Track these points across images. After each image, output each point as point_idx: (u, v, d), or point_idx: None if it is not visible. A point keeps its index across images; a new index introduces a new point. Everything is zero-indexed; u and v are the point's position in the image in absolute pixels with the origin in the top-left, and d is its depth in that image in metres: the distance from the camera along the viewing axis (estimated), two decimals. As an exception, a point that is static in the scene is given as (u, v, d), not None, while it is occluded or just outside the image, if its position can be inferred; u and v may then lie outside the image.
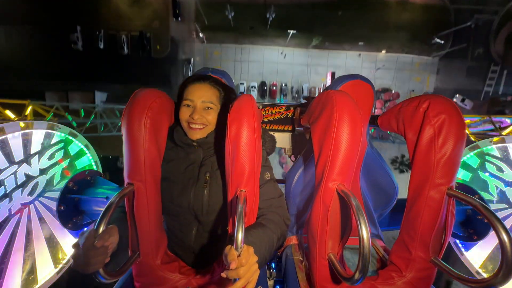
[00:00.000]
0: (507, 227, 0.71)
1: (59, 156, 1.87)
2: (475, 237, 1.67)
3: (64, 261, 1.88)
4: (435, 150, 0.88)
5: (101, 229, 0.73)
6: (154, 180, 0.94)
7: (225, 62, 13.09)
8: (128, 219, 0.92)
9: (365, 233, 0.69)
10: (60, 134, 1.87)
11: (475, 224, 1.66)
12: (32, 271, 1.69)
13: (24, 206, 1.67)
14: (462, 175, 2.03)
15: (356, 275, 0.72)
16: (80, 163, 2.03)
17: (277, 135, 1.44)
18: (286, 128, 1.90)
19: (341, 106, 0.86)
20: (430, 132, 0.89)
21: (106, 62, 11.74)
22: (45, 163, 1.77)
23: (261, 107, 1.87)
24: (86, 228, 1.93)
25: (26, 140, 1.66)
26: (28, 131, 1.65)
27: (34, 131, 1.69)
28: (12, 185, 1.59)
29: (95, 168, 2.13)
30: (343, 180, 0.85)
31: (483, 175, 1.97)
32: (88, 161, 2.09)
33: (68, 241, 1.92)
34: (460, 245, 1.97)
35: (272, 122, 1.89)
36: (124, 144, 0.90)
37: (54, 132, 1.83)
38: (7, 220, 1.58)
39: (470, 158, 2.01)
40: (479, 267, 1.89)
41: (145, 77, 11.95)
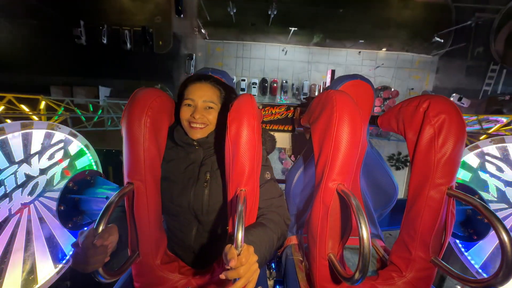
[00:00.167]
0: (507, 227, 0.71)
1: (59, 156, 1.87)
2: (475, 237, 1.67)
3: (64, 261, 1.88)
4: (435, 150, 0.88)
5: (101, 228, 0.73)
6: (154, 180, 0.94)
7: (227, 59, 13.10)
8: (128, 219, 0.92)
9: (365, 233, 0.69)
10: (61, 134, 1.87)
11: (475, 224, 1.66)
12: (32, 271, 1.69)
13: (24, 206, 1.67)
14: (462, 175, 2.03)
15: (356, 275, 0.72)
16: (80, 163, 2.03)
17: (277, 135, 1.44)
18: (286, 128, 1.90)
19: (341, 106, 0.86)
20: (430, 132, 0.89)
21: (109, 57, 11.80)
22: (45, 163, 1.77)
23: (261, 107, 1.87)
24: (86, 228, 1.92)
25: (26, 140, 1.66)
26: (28, 131, 1.66)
27: (34, 131, 1.69)
28: (12, 185, 1.59)
29: (95, 168, 2.13)
30: (343, 180, 0.85)
31: (483, 175, 1.97)
32: (88, 161, 2.09)
33: (68, 241, 1.92)
34: (460, 245, 1.97)
35: (272, 122, 1.89)
36: (124, 143, 0.90)
37: (54, 132, 1.83)
38: (7, 220, 1.57)
39: (470, 158, 2.02)
40: (479, 267, 1.89)
41: (147, 72, 12.00)
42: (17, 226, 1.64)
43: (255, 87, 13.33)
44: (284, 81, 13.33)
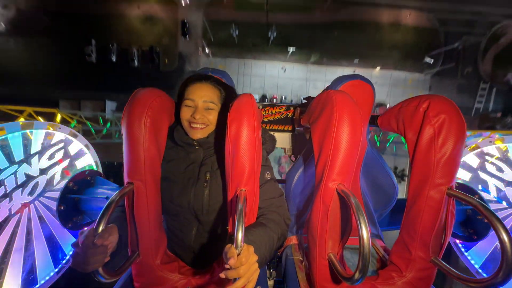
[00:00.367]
0: (507, 227, 0.71)
1: (59, 156, 1.87)
2: (475, 237, 1.67)
3: (64, 261, 1.88)
4: (435, 150, 0.88)
5: (101, 228, 0.73)
6: (154, 180, 0.94)
7: (229, 76, 13.61)
8: (128, 219, 0.92)
9: (365, 233, 0.69)
10: (61, 134, 1.87)
11: (475, 224, 1.66)
12: (32, 271, 1.69)
13: (24, 206, 1.67)
14: (462, 175, 2.03)
15: (356, 275, 0.72)
16: (80, 163, 2.03)
17: (277, 135, 1.44)
18: (286, 128, 1.90)
19: (341, 106, 0.86)
20: (430, 132, 0.89)
21: (117, 74, 12.19)
22: (45, 163, 1.77)
23: (261, 107, 1.87)
24: (86, 228, 1.92)
25: (27, 140, 1.66)
26: (29, 131, 1.66)
27: (35, 131, 1.70)
28: (12, 185, 1.59)
29: (95, 168, 2.13)
30: (343, 180, 0.85)
31: (483, 175, 1.97)
32: (88, 161, 2.09)
33: (68, 241, 1.92)
34: (460, 245, 1.97)
35: (272, 122, 1.89)
36: (124, 143, 0.90)
37: (55, 132, 1.83)
38: (7, 220, 1.57)
39: (470, 158, 2.02)
40: (479, 267, 1.89)
41: (153, 87, 12.49)
42: (17, 226, 1.64)
43: (256, 103, 13.86)
44: (283, 98, 13.62)
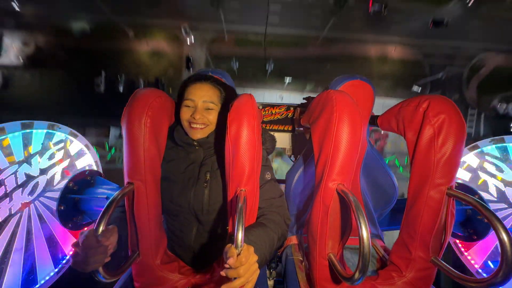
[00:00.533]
0: (507, 227, 0.71)
1: (60, 156, 1.87)
2: (475, 237, 1.66)
3: (64, 261, 1.88)
4: (435, 150, 0.88)
5: (101, 228, 0.73)
6: (154, 180, 0.94)
7: (229, 104, 14.10)
8: (128, 219, 0.92)
9: (365, 233, 0.69)
10: (61, 134, 1.87)
11: (475, 224, 1.66)
12: (32, 271, 1.69)
13: (24, 206, 1.67)
14: (462, 175, 2.03)
15: (356, 275, 0.72)
16: (81, 163, 2.03)
17: (277, 135, 1.44)
18: (286, 128, 1.90)
19: (341, 106, 0.86)
20: (430, 132, 0.89)
21: (123, 102, 12.88)
22: (46, 163, 1.77)
23: (261, 107, 1.87)
24: (86, 228, 1.92)
25: (27, 140, 1.66)
26: (29, 131, 1.66)
27: (35, 131, 1.70)
28: (13, 185, 1.59)
29: (95, 168, 2.13)
30: (343, 180, 0.85)
31: (483, 175, 1.97)
32: (88, 161, 2.09)
33: (68, 241, 1.92)
34: (460, 245, 1.97)
35: (272, 122, 1.89)
36: (124, 144, 0.90)
37: (55, 132, 1.83)
38: (7, 220, 1.57)
39: (470, 158, 2.02)
40: (479, 267, 1.89)
41: None
42: (17, 226, 1.64)
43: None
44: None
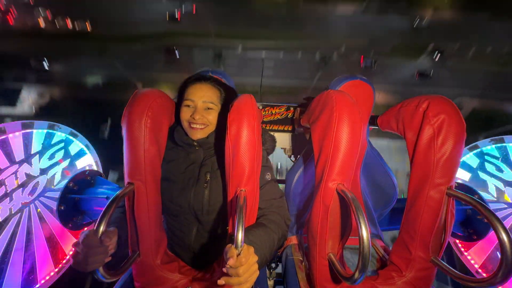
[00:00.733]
0: (507, 227, 0.71)
1: (60, 156, 1.87)
2: (475, 237, 1.66)
3: (64, 261, 1.88)
4: (435, 150, 0.88)
5: (102, 228, 0.73)
6: (154, 180, 0.94)
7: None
8: (128, 219, 0.92)
9: (365, 233, 0.70)
10: (61, 134, 1.88)
11: (475, 224, 1.66)
12: (32, 271, 1.69)
13: (25, 206, 1.68)
14: (462, 175, 2.03)
15: (356, 275, 0.73)
16: (81, 163, 2.03)
17: (277, 135, 1.45)
18: (286, 128, 1.90)
19: (341, 106, 0.86)
20: (430, 132, 0.89)
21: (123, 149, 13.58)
22: (46, 163, 1.77)
23: (261, 107, 1.87)
24: (87, 228, 1.93)
25: (27, 140, 1.66)
26: (29, 131, 1.66)
27: (35, 131, 1.70)
28: (13, 185, 1.59)
29: (95, 168, 2.14)
30: (343, 180, 0.85)
31: (483, 175, 1.98)
32: (88, 161, 2.10)
33: (68, 241, 1.92)
34: (460, 245, 1.97)
35: (272, 122, 1.89)
36: (125, 144, 0.90)
37: (55, 132, 1.84)
38: (8, 220, 1.58)
39: (470, 158, 2.02)
40: (479, 267, 1.90)
41: None
42: (18, 226, 1.64)
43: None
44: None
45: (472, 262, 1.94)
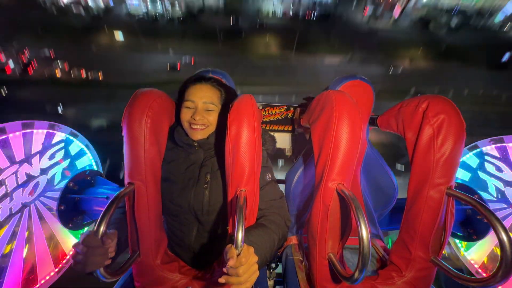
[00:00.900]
0: (506, 227, 0.71)
1: (60, 156, 1.87)
2: (475, 237, 1.67)
3: (64, 261, 1.88)
4: (434, 150, 0.88)
5: (102, 228, 0.73)
6: (155, 180, 0.94)
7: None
8: (128, 219, 0.92)
9: (365, 233, 0.70)
10: (61, 134, 1.87)
11: (475, 224, 1.66)
12: (33, 271, 1.69)
13: (25, 206, 1.67)
14: (462, 175, 2.03)
15: (356, 274, 0.73)
16: (81, 163, 2.03)
17: (277, 135, 1.45)
18: (286, 129, 1.90)
19: (341, 106, 0.87)
20: (430, 132, 0.89)
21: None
22: (46, 163, 1.77)
23: (261, 108, 1.87)
24: (87, 229, 1.93)
25: (27, 140, 1.66)
26: (29, 131, 1.66)
27: (35, 131, 1.70)
28: (13, 185, 1.59)
29: (95, 168, 2.13)
30: (343, 180, 0.85)
31: (483, 175, 1.97)
32: (89, 161, 2.10)
33: (69, 241, 1.92)
34: (460, 245, 1.97)
35: (272, 123, 1.89)
36: (125, 144, 0.90)
37: (55, 132, 1.83)
38: (8, 220, 1.58)
39: (470, 158, 2.02)
40: (479, 267, 1.90)
41: None
42: (18, 226, 1.64)
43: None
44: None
45: (472, 262, 1.94)
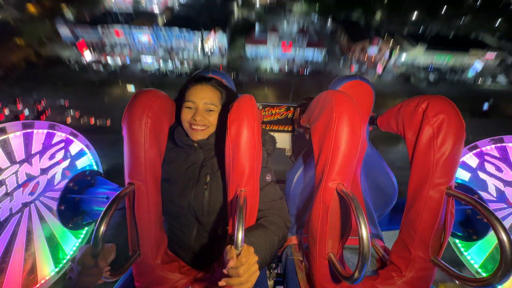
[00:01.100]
0: (506, 227, 0.71)
1: (60, 156, 1.87)
2: (475, 237, 1.66)
3: (64, 261, 1.88)
4: (434, 150, 0.88)
5: (102, 228, 0.73)
6: (155, 180, 0.94)
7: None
8: (128, 219, 0.93)
9: (365, 233, 0.70)
10: (61, 134, 1.87)
11: (475, 224, 1.66)
12: (33, 271, 1.69)
13: (25, 206, 1.67)
14: (462, 175, 2.03)
15: (356, 274, 0.73)
16: (81, 163, 2.03)
17: (277, 136, 1.45)
18: (286, 129, 1.90)
19: (341, 106, 0.87)
20: (429, 132, 0.89)
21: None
22: (46, 163, 1.77)
23: (261, 108, 1.87)
24: (86, 229, 1.93)
25: (27, 140, 1.66)
26: (29, 131, 1.66)
27: (35, 131, 1.70)
28: (13, 185, 1.59)
29: (95, 168, 2.13)
30: (343, 180, 0.86)
31: (482, 175, 1.97)
32: (89, 161, 2.09)
33: (69, 241, 1.92)
34: (460, 245, 1.97)
35: (272, 123, 1.89)
36: (125, 144, 0.90)
37: (55, 132, 1.83)
38: (8, 220, 1.58)
39: (470, 158, 2.02)
40: (479, 267, 1.90)
41: None
42: (18, 226, 1.64)
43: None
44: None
45: (472, 262, 1.94)
